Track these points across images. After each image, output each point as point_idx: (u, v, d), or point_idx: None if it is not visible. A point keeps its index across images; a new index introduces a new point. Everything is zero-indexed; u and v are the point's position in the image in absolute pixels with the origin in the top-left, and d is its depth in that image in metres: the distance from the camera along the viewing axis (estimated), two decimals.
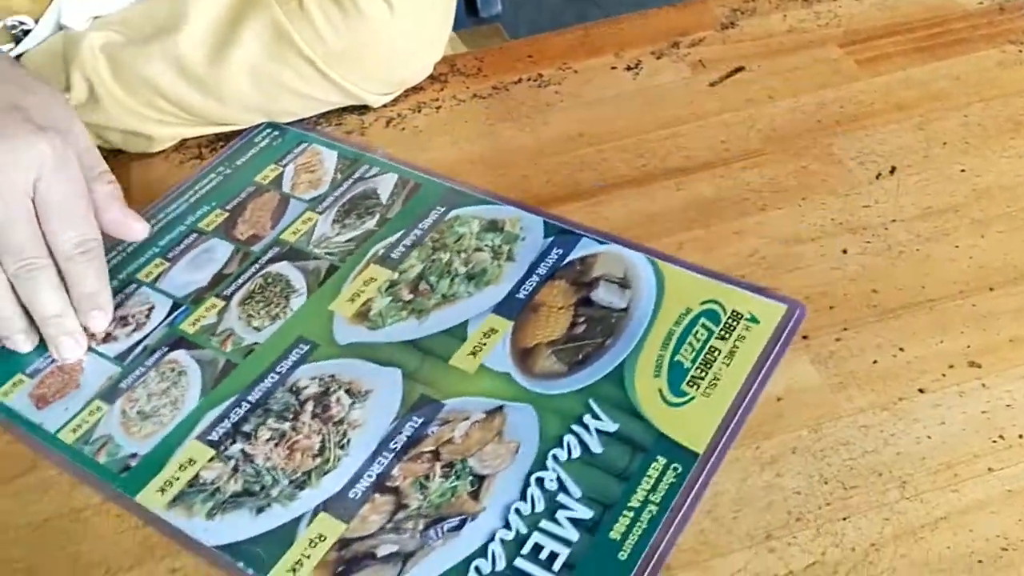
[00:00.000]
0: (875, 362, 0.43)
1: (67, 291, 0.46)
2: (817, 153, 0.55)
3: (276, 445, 0.43)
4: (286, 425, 0.44)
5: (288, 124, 0.60)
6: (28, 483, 0.42)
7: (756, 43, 0.63)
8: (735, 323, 0.46)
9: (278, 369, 0.46)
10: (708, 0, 0.67)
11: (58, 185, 0.45)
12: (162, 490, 0.41)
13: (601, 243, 0.51)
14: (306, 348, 0.47)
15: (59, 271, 0.46)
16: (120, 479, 0.42)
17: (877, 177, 0.53)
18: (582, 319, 0.47)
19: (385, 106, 0.62)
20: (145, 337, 0.48)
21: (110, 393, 0.46)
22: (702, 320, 0.46)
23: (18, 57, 0.57)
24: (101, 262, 0.47)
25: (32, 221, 0.44)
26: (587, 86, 0.62)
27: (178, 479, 0.42)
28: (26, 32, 0.56)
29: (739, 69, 0.61)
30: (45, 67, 0.56)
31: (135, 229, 0.50)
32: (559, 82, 0.62)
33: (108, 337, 0.48)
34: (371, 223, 0.54)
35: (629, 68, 0.63)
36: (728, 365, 0.44)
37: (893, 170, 0.53)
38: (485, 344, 0.46)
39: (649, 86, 0.61)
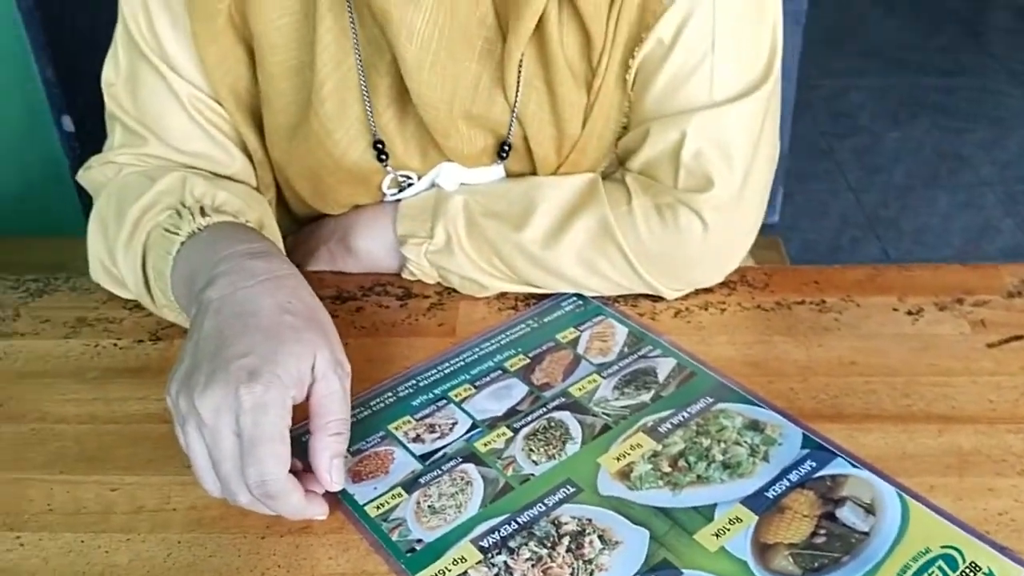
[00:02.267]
0: None
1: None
2: None
3: (533, 566, 0.50)
4: (544, 551, 0.51)
5: (592, 297, 0.70)
6: (335, 540, 0.52)
7: None
8: (972, 574, 0.48)
9: (546, 501, 0.54)
10: (1000, 267, 0.71)
11: (254, 428, 0.49)
12: None
13: (854, 466, 0.55)
14: (572, 490, 0.54)
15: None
16: (406, 558, 0.51)
17: None
18: (823, 531, 0.51)
19: (677, 299, 0.70)
20: (446, 446, 0.58)
21: (410, 485, 0.55)
22: (939, 562, 0.49)
23: (397, 201, 0.71)
24: (285, 497, 0.50)
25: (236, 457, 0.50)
26: (866, 320, 0.67)
27: (450, 571, 0.50)
28: (410, 184, 0.71)
29: (1019, 337, 0.64)
30: (416, 211, 0.70)
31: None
32: (840, 311, 0.68)
33: (417, 438, 0.58)
34: (646, 396, 0.61)
35: (910, 313, 0.67)
36: None
37: None
38: (729, 529, 0.51)
39: (927, 333, 0.65)
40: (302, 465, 0.53)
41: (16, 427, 0.61)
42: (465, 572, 0.50)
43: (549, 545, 0.51)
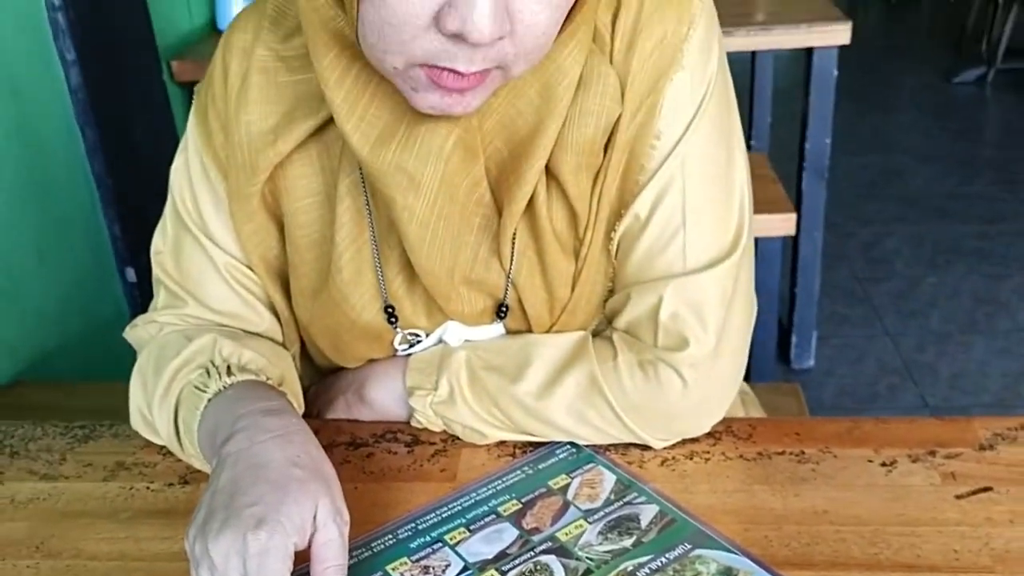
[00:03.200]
0: None
1: None
2: None
3: None
4: None
5: (585, 445, 0.75)
6: None
7: (1010, 469, 0.69)
8: None
9: None
10: (974, 420, 0.75)
11: (259, 571, 0.55)
12: None
13: None
14: None
15: None
16: None
17: None
18: None
19: (664, 448, 0.75)
20: None
21: None
22: None
23: (407, 356, 0.78)
24: None
25: None
26: (842, 471, 0.71)
27: None
28: (418, 341, 0.78)
29: (987, 489, 0.67)
30: (423, 365, 0.76)
31: None
32: (817, 462, 0.72)
33: None
34: (628, 542, 0.65)
35: (884, 464, 0.71)
36: None
37: None
38: None
39: (898, 484, 0.69)
40: None
41: (54, 563, 0.68)
42: None
43: None
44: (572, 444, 0.76)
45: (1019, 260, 2.71)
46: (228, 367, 0.71)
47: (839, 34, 1.88)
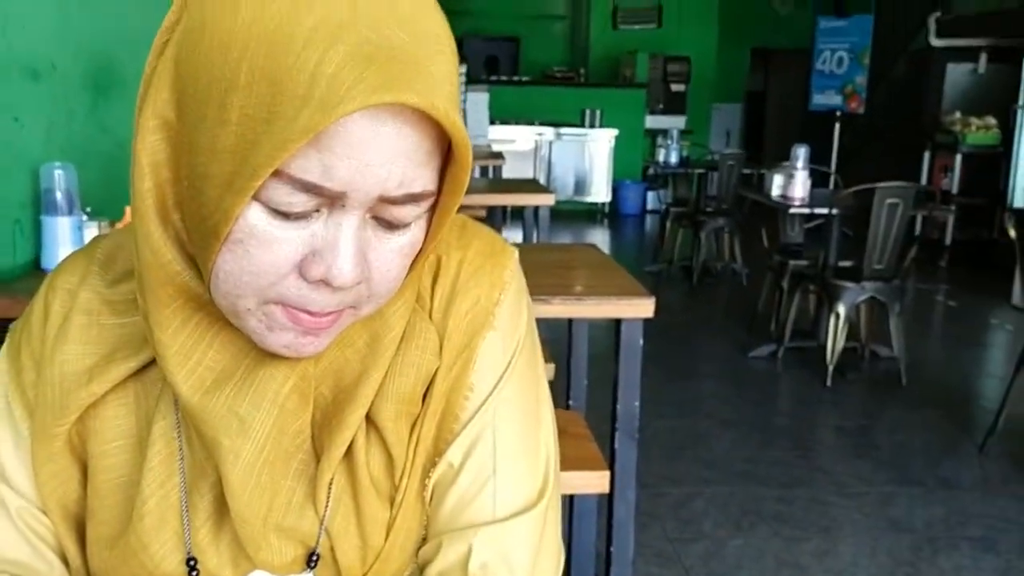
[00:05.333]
0: None
1: None
2: None
3: None
4: None
5: None
6: None
7: None
8: None
9: None
10: None
11: None
12: None
13: None
14: None
15: None
16: None
17: None
18: None
19: None
20: None
21: None
22: None
23: None
24: None
25: None
26: None
27: None
28: None
29: None
30: None
31: None
32: None
33: None
34: None
35: None
36: None
37: None
38: None
39: None
40: None
41: None
42: None
43: None
44: None
45: (815, 524, 2.88)
46: None
47: (644, 307, 2.06)
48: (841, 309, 4.07)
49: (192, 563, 0.72)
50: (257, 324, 0.63)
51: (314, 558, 0.74)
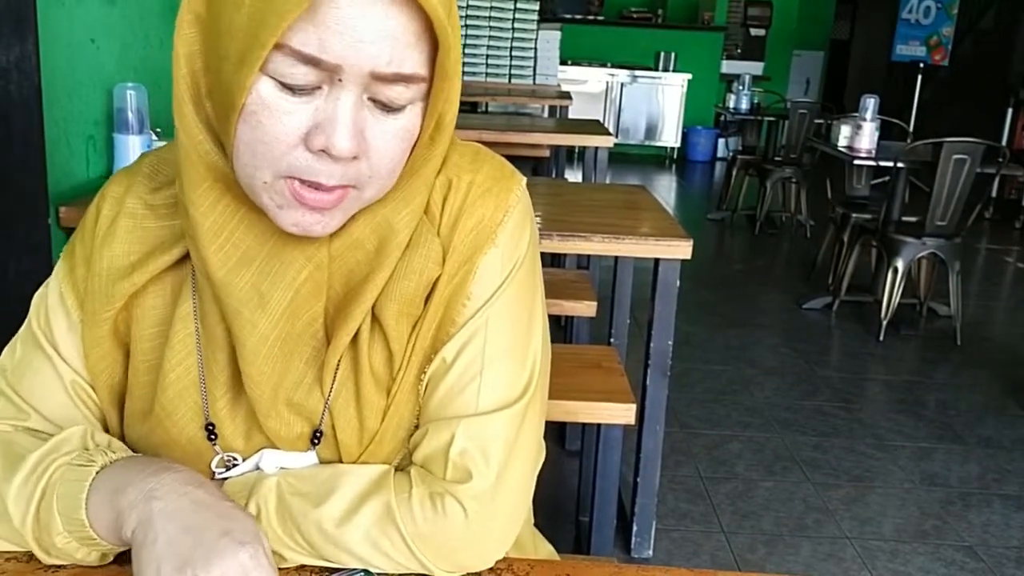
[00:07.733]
0: None
1: None
2: None
3: None
4: None
5: (378, 573, 0.82)
6: None
7: None
8: None
9: None
10: None
11: None
12: None
13: None
14: None
15: None
16: None
17: None
18: None
19: None
20: None
21: None
22: None
23: (224, 479, 0.85)
24: None
25: None
26: None
27: None
28: (235, 465, 0.85)
29: None
30: (236, 489, 0.83)
31: None
32: None
33: None
34: None
35: None
36: None
37: None
38: None
39: None
40: None
41: None
42: None
43: None
44: (365, 571, 0.83)
45: (848, 473, 2.92)
46: (110, 444, 0.81)
47: (681, 249, 2.11)
48: (899, 264, 4.03)
49: (211, 427, 0.82)
50: (269, 201, 0.72)
51: (318, 435, 0.83)
